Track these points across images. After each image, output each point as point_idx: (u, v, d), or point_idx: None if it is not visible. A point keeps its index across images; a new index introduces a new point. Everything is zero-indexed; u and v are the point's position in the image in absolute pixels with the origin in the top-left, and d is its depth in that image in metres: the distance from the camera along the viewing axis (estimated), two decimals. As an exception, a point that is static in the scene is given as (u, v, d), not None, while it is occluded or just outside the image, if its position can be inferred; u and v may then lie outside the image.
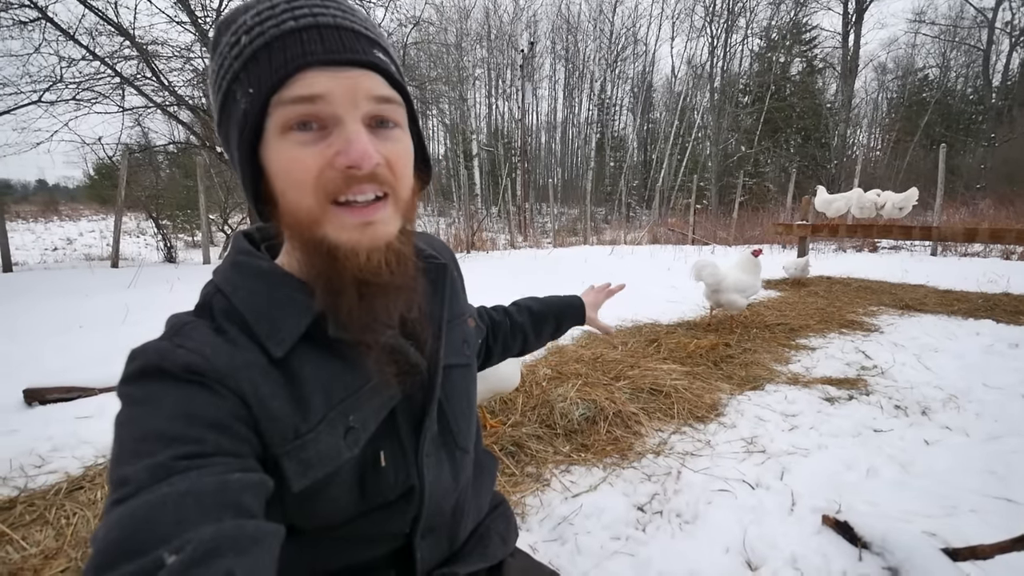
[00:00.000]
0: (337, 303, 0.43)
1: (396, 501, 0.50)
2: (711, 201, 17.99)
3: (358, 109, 0.41)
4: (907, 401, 2.12)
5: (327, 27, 0.40)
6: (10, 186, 23.94)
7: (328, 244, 0.42)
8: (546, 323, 0.89)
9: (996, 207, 10.97)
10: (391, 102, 0.43)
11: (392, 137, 0.43)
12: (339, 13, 0.42)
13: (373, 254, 0.43)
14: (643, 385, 2.16)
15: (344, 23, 0.41)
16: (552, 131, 27.99)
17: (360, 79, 0.41)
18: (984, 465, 1.60)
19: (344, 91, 0.40)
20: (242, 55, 0.40)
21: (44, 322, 3.23)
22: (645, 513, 1.39)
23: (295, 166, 0.40)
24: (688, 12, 22.98)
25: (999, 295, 4.15)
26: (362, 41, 0.42)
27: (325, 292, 0.43)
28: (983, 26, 20.80)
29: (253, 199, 0.45)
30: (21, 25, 5.75)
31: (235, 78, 0.41)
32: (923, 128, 20.05)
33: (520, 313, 0.87)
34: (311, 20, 0.40)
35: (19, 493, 1.42)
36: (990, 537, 1.11)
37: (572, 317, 0.93)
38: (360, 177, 0.40)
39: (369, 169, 0.40)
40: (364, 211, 0.42)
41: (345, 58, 0.40)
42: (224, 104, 0.43)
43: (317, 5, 0.41)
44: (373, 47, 0.42)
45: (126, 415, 0.37)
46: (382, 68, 0.42)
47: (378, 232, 0.43)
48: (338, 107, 0.40)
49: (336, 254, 0.42)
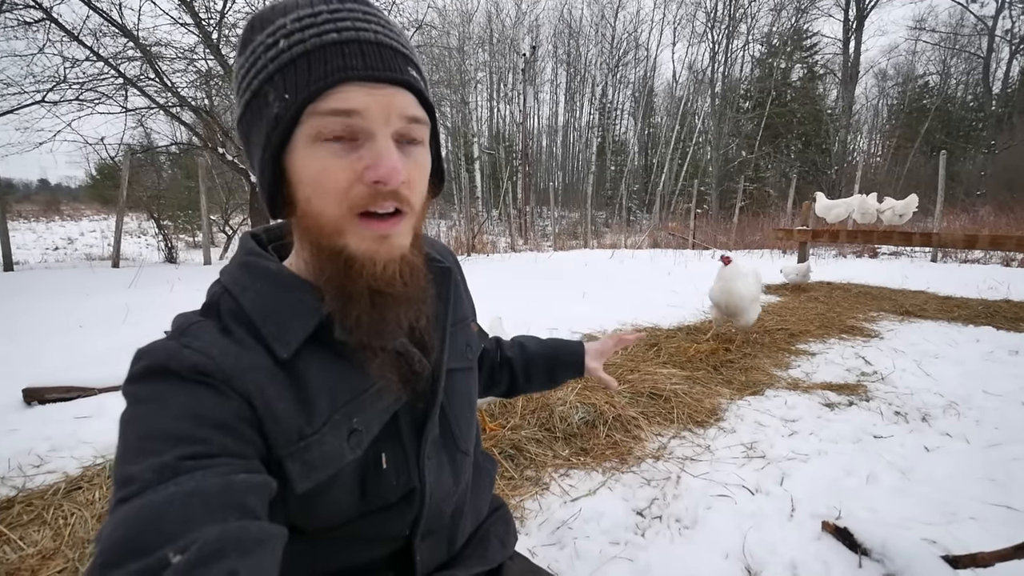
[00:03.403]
0: (347, 309, 0.44)
1: (397, 503, 0.50)
2: (712, 206, 18.01)
3: (389, 126, 0.42)
4: (907, 407, 2.12)
5: (368, 43, 0.41)
6: (12, 185, 24.00)
7: (347, 253, 0.43)
8: (537, 367, 0.78)
9: (996, 214, 10.99)
10: (419, 121, 0.44)
11: (414, 155, 0.44)
12: (380, 28, 0.42)
13: (389, 265, 0.44)
14: (643, 389, 2.16)
15: (384, 40, 0.42)
16: (553, 135, 28.10)
17: (395, 97, 0.42)
18: (984, 472, 1.60)
19: (379, 108, 0.41)
20: (279, 58, 0.41)
21: (44, 321, 3.23)
22: (644, 518, 1.39)
23: (325, 176, 0.41)
24: (690, 18, 23.06)
25: (999, 302, 4.15)
26: (399, 59, 0.42)
27: (337, 298, 0.44)
28: (983, 34, 20.88)
29: (270, 200, 0.45)
30: (26, 26, 5.77)
31: (269, 79, 0.41)
32: (923, 135, 20.08)
33: (512, 348, 0.79)
34: (353, 34, 0.41)
35: (17, 493, 1.42)
36: (990, 545, 1.11)
37: (568, 367, 0.80)
38: (384, 192, 0.41)
39: (395, 186, 0.41)
40: (383, 224, 0.43)
41: (383, 76, 0.41)
42: (251, 102, 0.43)
43: (359, 19, 0.42)
44: (408, 65, 0.43)
45: (132, 414, 0.38)
46: (415, 87, 0.43)
47: (394, 245, 0.44)
48: (372, 123, 0.41)
49: (353, 263, 0.43)
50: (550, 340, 0.82)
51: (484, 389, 0.77)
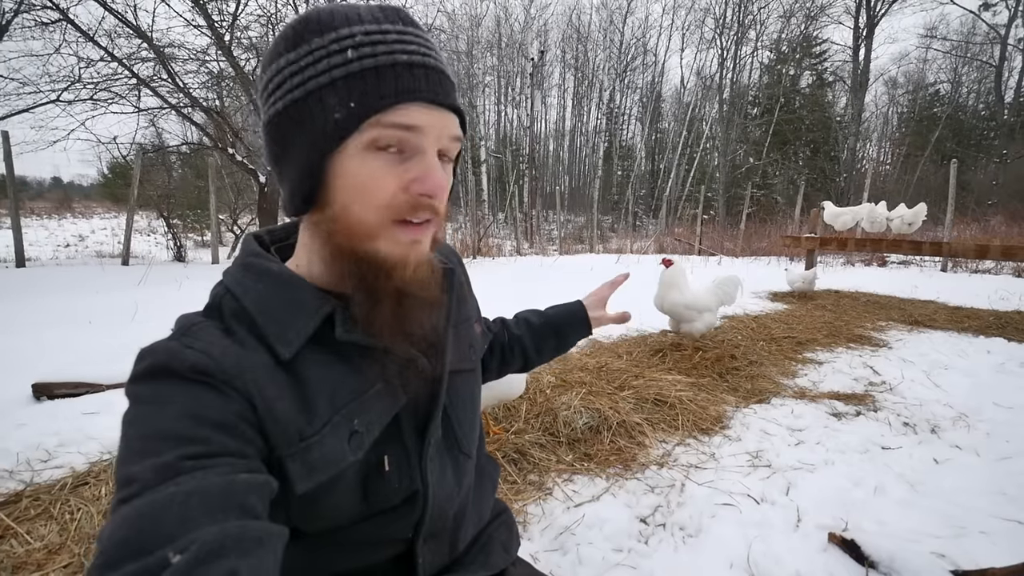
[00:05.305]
0: (372, 313, 0.45)
1: (399, 505, 0.50)
2: (718, 212, 17.92)
3: (438, 144, 0.46)
4: (916, 418, 2.09)
5: (432, 68, 0.45)
6: (26, 183, 24.39)
7: (379, 257, 0.45)
8: (546, 337, 0.82)
9: (1008, 224, 10.86)
10: (459, 141, 0.48)
11: (447, 170, 0.48)
12: (437, 57, 0.47)
13: (419, 268, 0.47)
14: (647, 395, 2.14)
15: (441, 67, 0.46)
16: (560, 139, 28.10)
17: (447, 119, 0.46)
18: (995, 486, 1.57)
19: (435, 128, 0.45)
20: (346, 66, 0.42)
21: (55, 317, 3.27)
22: (648, 525, 1.37)
23: (373, 184, 0.43)
24: (698, 24, 23.08)
25: (1011, 313, 4.09)
26: (451, 86, 0.47)
27: (365, 300, 0.45)
28: (995, 42, 20.70)
29: (302, 199, 0.45)
30: (43, 26, 5.88)
31: (330, 84, 0.42)
32: (934, 143, 19.91)
33: (518, 326, 0.81)
34: (420, 59, 0.44)
35: (25, 487, 1.43)
36: (1000, 560, 1.09)
37: (575, 326, 0.84)
38: (424, 203, 0.45)
39: (440, 199, 0.45)
40: (416, 230, 0.46)
41: (441, 100, 0.45)
42: (300, 101, 0.43)
43: (423, 44, 0.45)
44: (455, 91, 0.48)
45: (133, 414, 0.38)
46: (460, 112, 0.48)
47: (422, 250, 0.48)
48: (425, 140, 0.44)
49: (384, 265, 0.45)
50: (551, 310, 0.85)
51: (499, 369, 0.80)
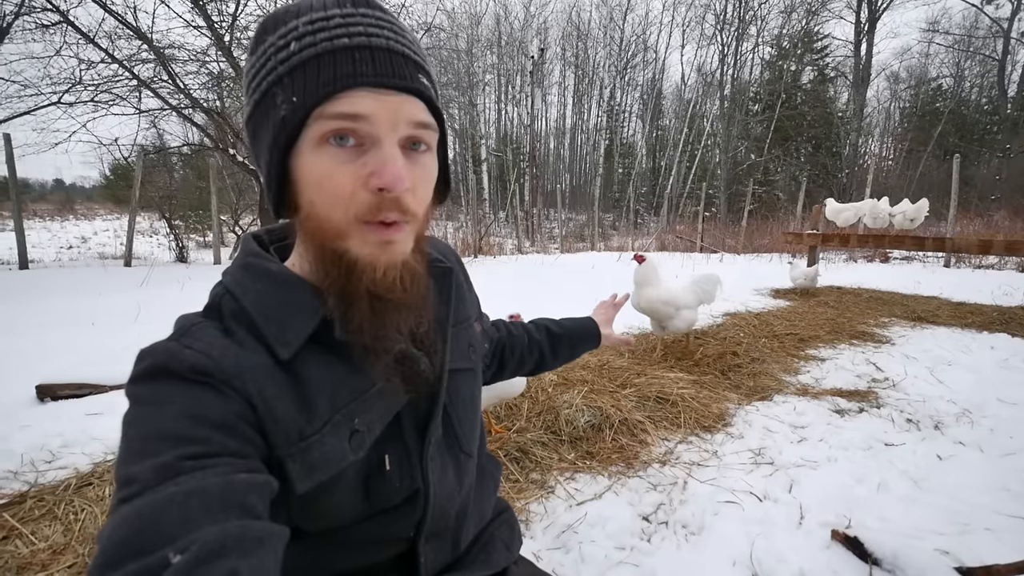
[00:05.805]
0: (348, 313, 0.44)
1: (401, 505, 0.50)
2: (720, 209, 17.88)
3: (396, 132, 0.42)
4: (919, 415, 2.09)
5: (379, 49, 0.41)
6: (28, 185, 24.47)
7: (348, 257, 0.43)
8: (562, 345, 0.89)
9: (1011, 219, 10.80)
10: (427, 127, 0.44)
11: (421, 162, 0.44)
12: (391, 35, 0.42)
13: (389, 271, 0.44)
14: (649, 393, 2.14)
15: (395, 46, 0.42)
16: (561, 137, 28.05)
17: (403, 104, 0.42)
18: (999, 482, 1.57)
19: (387, 114, 0.41)
20: (289, 60, 0.41)
21: (58, 319, 3.28)
22: (650, 523, 1.37)
23: (329, 183, 0.41)
24: (699, 20, 22.96)
25: (1014, 308, 4.08)
26: (409, 66, 0.42)
27: (338, 301, 0.44)
28: (998, 36, 20.59)
29: (275, 202, 0.46)
30: (43, 28, 5.89)
31: (278, 81, 0.41)
32: (936, 138, 19.81)
33: (539, 331, 0.87)
34: (365, 40, 0.41)
35: (29, 488, 1.44)
36: (1005, 557, 1.09)
37: (588, 340, 0.92)
38: (388, 201, 0.41)
39: (399, 192, 0.41)
40: (387, 231, 0.43)
41: (393, 83, 0.41)
42: (260, 102, 0.43)
43: (372, 24, 0.42)
44: (419, 72, 0.43)
45: (133, 415, 0.38)
46: (425, 95, 0.43)
47: (396, 251, 0.44)
48: (378, 128, 0.41)
49: (354, 267, 0.43)
50: (566, 321, 0.92)
51: (515, 369, 0.84)
